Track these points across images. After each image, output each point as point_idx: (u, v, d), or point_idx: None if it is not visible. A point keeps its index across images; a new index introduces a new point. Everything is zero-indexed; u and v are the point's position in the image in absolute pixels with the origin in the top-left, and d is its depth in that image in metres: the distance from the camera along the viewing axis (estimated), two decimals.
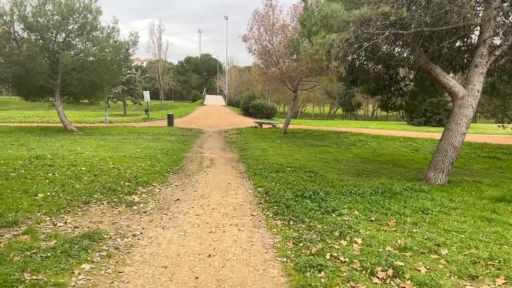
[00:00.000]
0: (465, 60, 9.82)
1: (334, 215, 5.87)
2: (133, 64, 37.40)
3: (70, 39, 18.43)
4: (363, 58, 10.33)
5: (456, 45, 9.60)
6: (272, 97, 51.46)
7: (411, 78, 11.58)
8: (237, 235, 4.96)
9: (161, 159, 10.76)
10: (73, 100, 20.19)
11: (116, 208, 5.97)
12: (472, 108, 8.10)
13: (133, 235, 4.81)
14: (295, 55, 12.96)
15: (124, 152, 11.51)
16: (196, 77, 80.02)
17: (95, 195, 6.49)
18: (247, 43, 18.74)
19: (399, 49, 9.97)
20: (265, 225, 5.39)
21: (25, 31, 17.09)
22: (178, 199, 6.77)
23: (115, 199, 6.39)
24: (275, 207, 6.19)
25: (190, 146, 14.61)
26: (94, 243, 4.39)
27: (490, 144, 16.36)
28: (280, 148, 13.91)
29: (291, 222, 5.43)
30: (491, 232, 5.16)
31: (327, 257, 4.19)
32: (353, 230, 5.17)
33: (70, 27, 17.93)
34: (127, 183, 7.51)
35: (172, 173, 9.15)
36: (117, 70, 19.23)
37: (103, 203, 6.17)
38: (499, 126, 17.12)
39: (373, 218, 5.77)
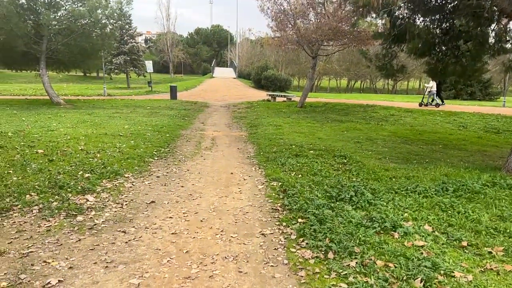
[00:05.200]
0: None
1: (397, 235, 3.58)
2: (135, 33, 34.63)
3: None
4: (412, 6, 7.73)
5: None
6: (286, 70, 48.34)
7: (470, 33, 8.88)
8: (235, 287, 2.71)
9: (149, 138, 8.53)
10: (62, 69, 17.94)
11: (48, 221, 3.77)
12: None
13: None
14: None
15: (107, 129, 9.33)
16: (206, 49, 76.54)
17: (27, 196, 4.31)
18: (259, 1, 15.98)
19: None
20: (286, 260, 3.12)
21: None
22: (153, 201, 4.54)
23: (54, 203, 4.19)
24: (299, 220, 3.90)
25: (190, 122, 12.31)
26: None
27: None
28: (298, 125, 11.50)
29: (331, 255, 3.14)
30: None
31: None
32: (442, 272, 2.89)
33: None
34: (87, 174, 5.31)
35: (158, 158, 6.91)
36: (110, 34, 16.80)
37: (32, 211, 3.98)
38: None
39: (464, 243, 3.46)
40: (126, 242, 3.39)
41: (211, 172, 6.07)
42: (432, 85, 18.26)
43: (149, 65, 25.59)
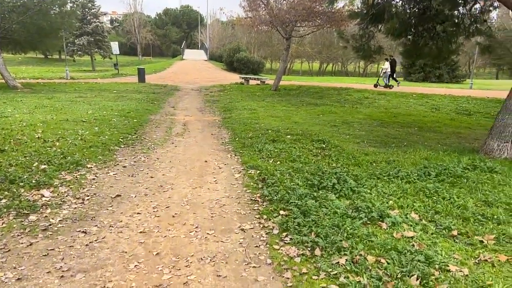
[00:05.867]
0: None
1: (385, 225, 3.36)
2: (98, 12, 32.66)
3: None
4: None
5: None
6: (259, 52, 47.57)
7: (446, 14, 8.78)
8: None
9: (115, 124, 7.94)
10: (18, 50, 16.60)
11: None
12: None
13: None
14: None
15: (69, 115, 8.62)
16: (176, 30, 73.95)
17: None
18: None
19: None
20: (269, 260, 2.82)
21: None
22: (118, 195, 4.10)
23: (3, 200, 3.67)
24: (281, 212, 3.61)
25: (160, 106, 11.69)
26: None
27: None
28: (273, 108, 11.18)
29: (318, 251, 2.87)
30: None
31: None
32: (437, 267, 2.68)
33: None
34: (43, 165, 4.76)
35: (124, 146, 6.39)
36: (70, 12, 15.62)
37: None
38: None
39: (454, 232, 3.29)
40: (87, 245, 2.97)
41: (183, 161, 5.65)
42: (387, 66, 18.82)
43: (114, 46, 24.24)
